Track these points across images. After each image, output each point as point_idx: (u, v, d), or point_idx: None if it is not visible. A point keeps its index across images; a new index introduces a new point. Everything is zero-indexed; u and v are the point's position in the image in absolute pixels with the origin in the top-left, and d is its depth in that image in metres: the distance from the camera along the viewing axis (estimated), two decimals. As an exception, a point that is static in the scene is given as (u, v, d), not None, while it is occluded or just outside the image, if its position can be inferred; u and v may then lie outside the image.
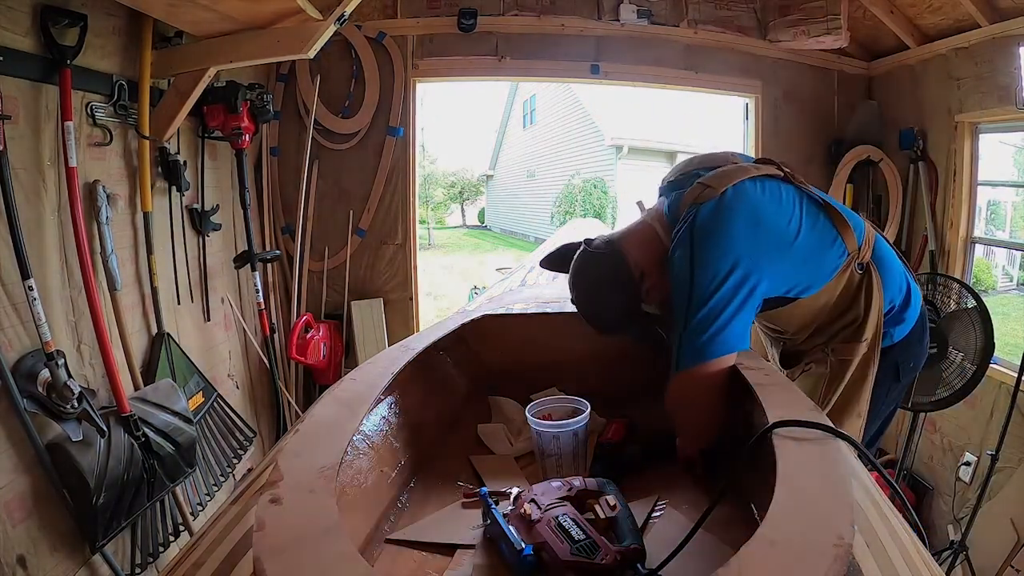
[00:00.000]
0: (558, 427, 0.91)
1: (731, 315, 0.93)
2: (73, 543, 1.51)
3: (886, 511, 0.60)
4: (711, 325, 0.92)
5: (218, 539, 0.54)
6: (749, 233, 0.97)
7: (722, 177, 1.02)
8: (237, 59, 1.87)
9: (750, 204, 1.00)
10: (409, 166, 2.90)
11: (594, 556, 0.61)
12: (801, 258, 1.04)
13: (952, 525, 2.27)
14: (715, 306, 0.92)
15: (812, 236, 1.04)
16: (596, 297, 1.11)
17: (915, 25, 2.60)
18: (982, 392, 2.00)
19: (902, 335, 1.15)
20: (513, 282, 1.75)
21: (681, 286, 0.96)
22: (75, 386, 1.40)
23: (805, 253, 1.04)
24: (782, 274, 1.02)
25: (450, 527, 0.76)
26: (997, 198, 6.60)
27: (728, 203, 0.98)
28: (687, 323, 0.93)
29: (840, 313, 1.11)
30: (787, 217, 1.03)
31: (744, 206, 0.99)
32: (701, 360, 0.92)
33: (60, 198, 1.55)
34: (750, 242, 0.96)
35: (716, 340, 0.92)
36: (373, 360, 1.00)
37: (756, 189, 1.03)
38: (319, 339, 2.73)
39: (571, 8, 2.85)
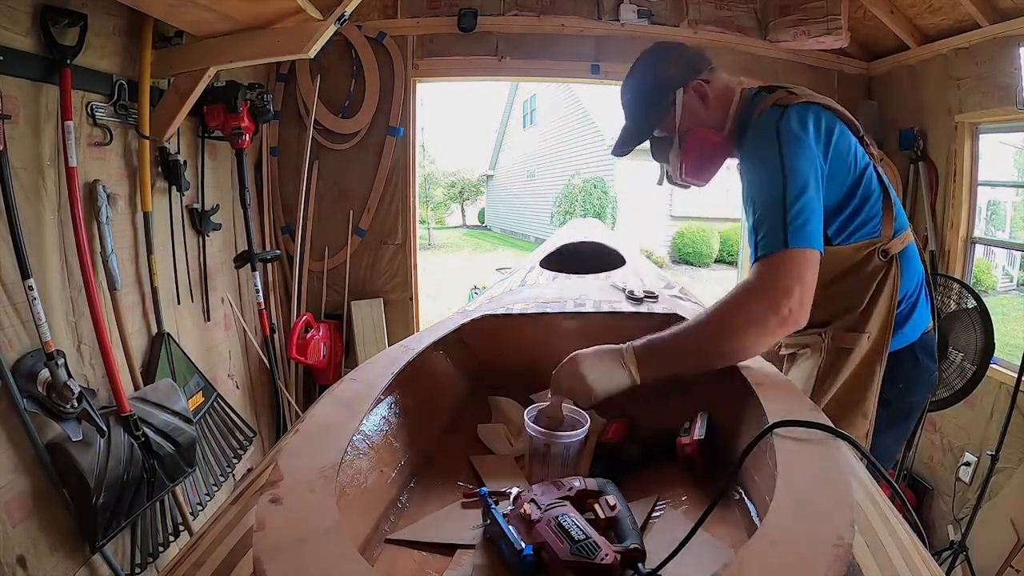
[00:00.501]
0: (551, 436, 0.91)
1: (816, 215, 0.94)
2: (73, 543, 1.51)
3: (886, 511, 0.60)
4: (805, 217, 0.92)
5: (218, 539, 0.54)
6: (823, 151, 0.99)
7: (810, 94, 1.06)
8: (237, 59, 1.87)
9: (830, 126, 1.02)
10: (409, 166, 2.90)
11: (594, 556, 0.61)
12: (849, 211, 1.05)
13: (952, 525, 2.27)
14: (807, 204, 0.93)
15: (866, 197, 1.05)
16: (633, 96, 1.17)
17: (915, 25, 2.60)
18: (982, 392, 2.00)
19: (895, 347, 1.10)
20: (513, 282, 1.75)
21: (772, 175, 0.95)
22: (75, 386, 1.40)
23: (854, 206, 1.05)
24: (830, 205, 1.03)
25: (450, 527, 0.76)
26: (997, 198, 6.60)
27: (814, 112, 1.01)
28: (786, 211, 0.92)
29: (843, 293, 1.08)
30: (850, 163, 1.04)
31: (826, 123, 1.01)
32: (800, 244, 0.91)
33: (60, 198, 1.55)
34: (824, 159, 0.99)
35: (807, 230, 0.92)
36: (373, 360, 1.00)
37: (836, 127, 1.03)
38: (319, 339, 2.73)
39: (571, 8, 2.86)
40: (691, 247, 11.42)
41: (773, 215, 0.93)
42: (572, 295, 1.47)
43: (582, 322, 1.30)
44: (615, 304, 1.38)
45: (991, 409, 2.21)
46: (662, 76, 1.14)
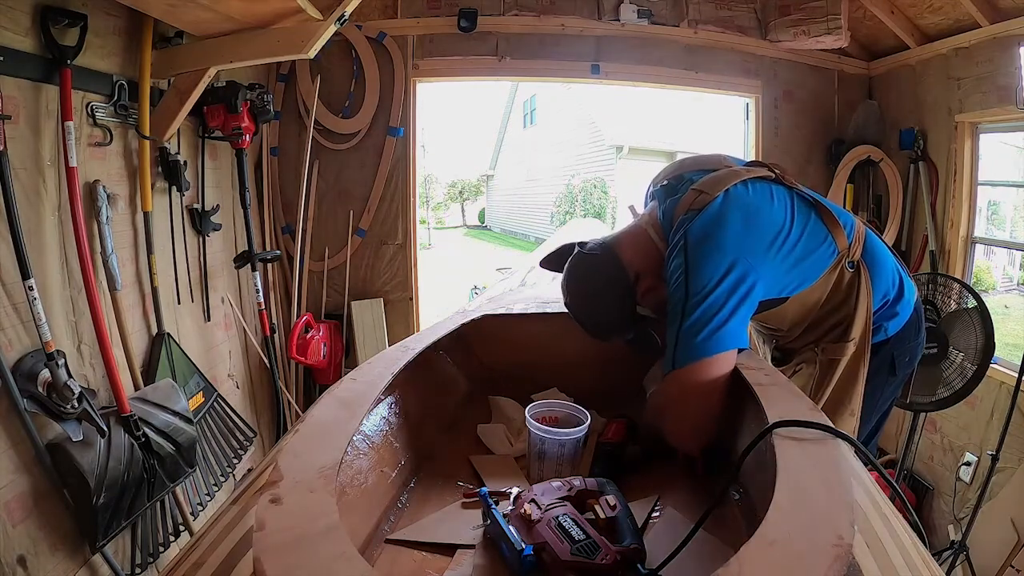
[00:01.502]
0: (552, 434, 0.91)
1: (729, 313, 0.92)
2: (73, 543, 1.51)
3: (886, 511, 0.60)
4: (708, 323, 0.91)
5: (218, 539, 0.54)
6: (743, 235, 0.98)
7: (715, 182, 1.03)
8: (237, 59, 1.87)
9: (743, 207, 1.01)
10: (409, 166, 2.90)
11: (594, 556, 0.61)
12: (794, 257, 1.04)
13: (952, 525, 2.27)
14: (712, 304, 0.92)
15: (804, 234, 1.04)
16: (590, 299, 1.11)
17: (915, 25, 2.60)
18: (982, 392, 2.00)
19: (896, 329, 1.15)
20: (513, 282, 1.75)
21: (677, 289, 0.96)
22: (75, 386, 1.40)
23: (799, 252, 1.04)
24: (776, 274, 1.02)
25: (450, 527, 0.76)
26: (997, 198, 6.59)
27: (721, 208, 1.00)
28: (683, 321, 0.93)
29: (831, 310, 1.11)
30: (779, 217, 1.03)
31: (737, 209, 1.00)
32: (698, 357, 0.91)
33: (60, 198, 1.55)
34: (745, 243, 0.97)
35: (714, 337, 0.91)
36: (373, 360, 1.00)
37: (747, 192, 1.04)
38: (319, 339, 2.73)
39: (571, 8, 2.86)
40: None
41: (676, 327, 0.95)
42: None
43: (582, 322, 1.30)
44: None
45: (991, 409, 2.21)
46: (609, 317, 1.12)
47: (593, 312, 1.13)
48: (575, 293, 1.13)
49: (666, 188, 1.15)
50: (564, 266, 1.17)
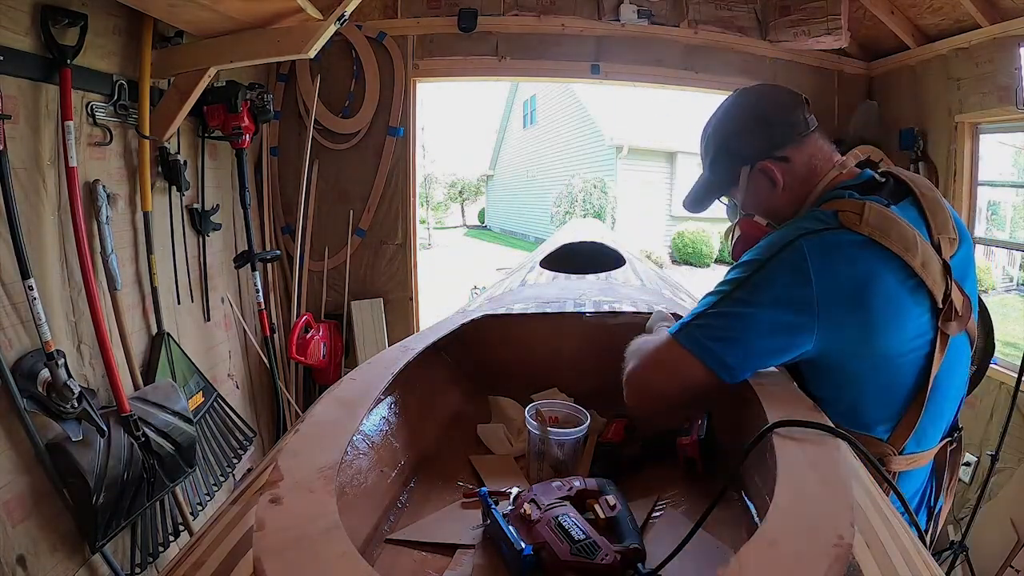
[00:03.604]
0: (552, 433, 0.91)
1: (740, 331, 0.80)
2: (73, 543, 1.51)
3: (886, 511, 0.60)
4: (724, 323, 0.81)
5: (218, 539, 0.54)
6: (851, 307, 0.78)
7: (885, 222, 0.79)
8: (237, 59, 1.87)
9: (879, 285, 0.78)
10: (409, 166, 2.90)
11: (594, 556, 0.61)
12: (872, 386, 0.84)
13: (952, 525, 2.27)
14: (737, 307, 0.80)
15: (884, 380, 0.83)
16: (742, 115, 0.95)
17: (915, 25, 2.60)
18: (982, 392, 2.00)
19: None
20: (513, 282, 1.75)
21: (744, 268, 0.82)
22: (75, 386, 1.40)
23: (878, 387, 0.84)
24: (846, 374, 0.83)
25: (450, 527, 0.76)
26: (997, 198, 6.60)
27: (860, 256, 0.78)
28: (713, 302, 0.82)
29: None
30: (902, 341, 0.82)
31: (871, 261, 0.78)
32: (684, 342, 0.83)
33: (60, 198, 1.55)
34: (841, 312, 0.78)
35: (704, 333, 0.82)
36: (373, 360, 1.00)
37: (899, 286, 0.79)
38: (319, 339, 2.73)
39: (571, 8, 2.86)
40: (691, 247, 11.43)
41: (705, 301, 0.84)
42: (572, 295, 1.47)
43: (582, 322, 1.30)
44: (615, 304, 1.38)
45: (991, 409, 2.20)
46: (730, 144, 0.95)
47: (701, 155, 1.00)
48: (708, 127, 0.99)
49: (868, 183, 0.91)
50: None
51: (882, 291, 0.78)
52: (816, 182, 0.90)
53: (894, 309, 0.80)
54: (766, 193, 0.93)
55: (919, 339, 0.82)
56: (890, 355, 0.82)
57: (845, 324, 0.79)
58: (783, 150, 0.91)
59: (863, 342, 0.80)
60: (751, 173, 0.93)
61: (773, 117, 0.92)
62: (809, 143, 0.91)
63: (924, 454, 0.89)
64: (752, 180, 0.94)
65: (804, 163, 0.91)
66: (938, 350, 0.82)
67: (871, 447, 0.83)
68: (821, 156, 0.92)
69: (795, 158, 0.91)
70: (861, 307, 0.78)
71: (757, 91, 0.97)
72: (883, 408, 0.85)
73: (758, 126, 0.92)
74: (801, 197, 0.91)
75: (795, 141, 0.91)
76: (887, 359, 0.82)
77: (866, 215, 0.79)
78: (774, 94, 0.96)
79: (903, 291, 0.80)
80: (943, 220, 0.86)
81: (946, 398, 0.88)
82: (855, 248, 0.78)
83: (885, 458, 0.85)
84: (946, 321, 0.82)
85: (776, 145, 0.91)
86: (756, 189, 0.94)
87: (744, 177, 0.94)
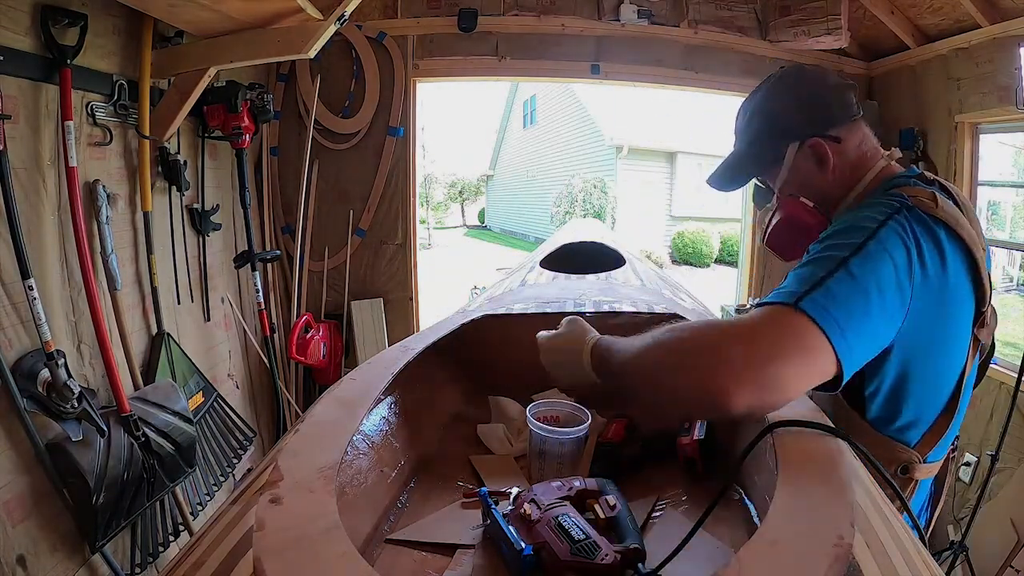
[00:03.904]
0: (553, 432, 0.91)
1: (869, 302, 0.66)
2: (73, 543, 1.51)
3: (886, 511, 0.60)
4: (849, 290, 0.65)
5: (218, 539, 0.54)
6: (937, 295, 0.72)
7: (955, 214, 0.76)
8: (237, 59, 1.87)
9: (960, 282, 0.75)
10: (409, 166, 2.91)
11: (594, 556, 0.61)
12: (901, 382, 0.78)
13: (952, 525, 2.27)
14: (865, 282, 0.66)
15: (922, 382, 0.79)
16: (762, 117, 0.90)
17: (915, 25, 2.60)
18: (982, 392, 2.00)
19: None
20: (513, 282, 1.75)
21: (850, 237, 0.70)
22: (75, 386, 1.40)
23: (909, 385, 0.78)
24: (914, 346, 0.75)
25: (450, 527, 0.76)
26: (997, 198, 6.60)
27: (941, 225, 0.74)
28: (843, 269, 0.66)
29: None
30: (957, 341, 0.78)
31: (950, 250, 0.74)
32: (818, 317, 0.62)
33: (60, 198, 1.55)
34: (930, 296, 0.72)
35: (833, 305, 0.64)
36: (373, 360, 1.00)
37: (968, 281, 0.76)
38: (319, 339, 2.73)
39: (571, 8, 2.86)
40: (691, 247, 11.43)
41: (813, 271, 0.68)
42: (572, 295, 1.47)
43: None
44: (615, 304, 1.38)
45: (991, 409, 2.20)
46: (779, 118, 0.89)
47: (738, 132, 0.94)
48: (748, 103, 0.92)
49: None
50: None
51: (957, 284, 0.75)
52: (866, 169, 0.86)
53: (959, 305, 0.77)
54: (814, 173, 0.88)
55: (964, 343, 0.79)
56: (944, 353, 0.78)
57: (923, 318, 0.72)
58: (836, 129, 0.86)
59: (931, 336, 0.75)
60: (799, 150, 0.88)
61: (827, 94, 0.87)
62: (859, 128, 0.88)
63: (940, 463, 0.87)
64: (799, 158, 0.88)
65: (855, 147, 0.86)
66: (970, 357, 0.80)
67: (897, 453, 0.80)
68: (869, 144, 0.88)
69: (847, 140, 0.86)
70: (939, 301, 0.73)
71: (808, 69, 0.92)
72: (925, 412, 0.81)
73: (812, 101, 0.87)
74: (850, 183, 0.86)
75: (847, 122, 0.86)
76: (941, 358, 0.78)
77: (940, 204, 0.75)
78: (825, 73, 0.91)
79: (967, 286, 0.76)
80: (979, 228, 0.83)
81: (965, 405, 0.85)
82: (941, 236, 0.73)
83: (910, 465, 0.81)
84: (980, 327, 0.80)
85: (829, 123, 0.86)
86: (803, 168, 0.88)
87: (791, 155, 0.88)
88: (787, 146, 0.89)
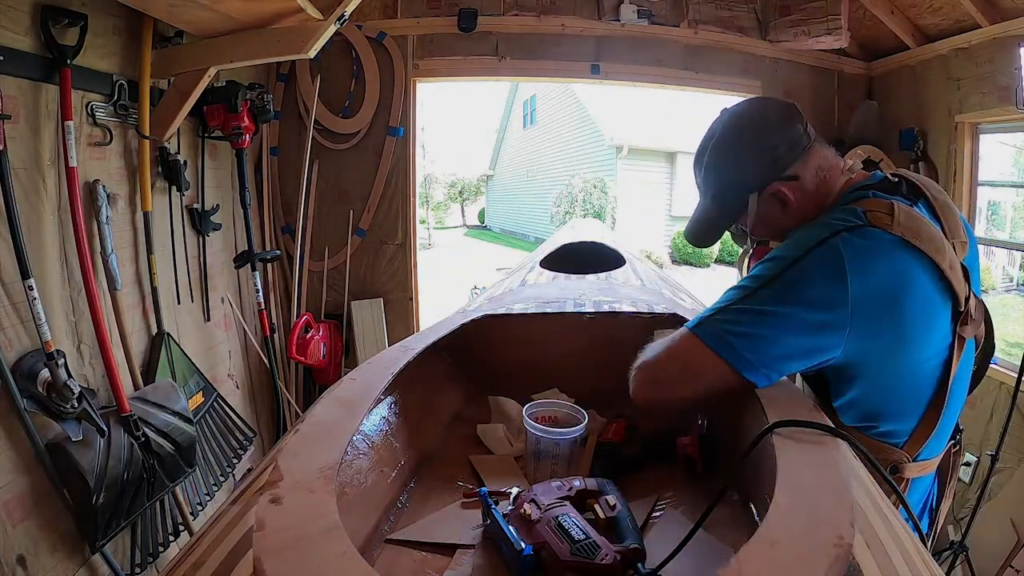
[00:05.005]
0: (548, 433, 0.91)
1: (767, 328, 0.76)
2: (73, 543, 1.51)
3: (886, 511, 0.60)
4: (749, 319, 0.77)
5: (218, 539, 0.54)
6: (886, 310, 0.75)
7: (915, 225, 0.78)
8: (237, 59, 1.87)
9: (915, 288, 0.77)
10: (409, 166, 2.91)
11: (594, 556, 0.61)
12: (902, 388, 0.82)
13: (952, 525, 2.27)
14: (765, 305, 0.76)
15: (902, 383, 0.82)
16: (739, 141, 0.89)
17: (915, 25, 2.60)
18: (982, 392, 2.00)
19: None
20: (513, 282, 1.75)
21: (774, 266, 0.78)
22: (75, 386, 1.40)
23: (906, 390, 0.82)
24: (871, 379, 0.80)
25: (450, 527, 0.76)
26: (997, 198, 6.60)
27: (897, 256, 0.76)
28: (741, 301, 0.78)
29: None
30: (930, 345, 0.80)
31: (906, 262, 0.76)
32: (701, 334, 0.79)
33: (60, 198, 1.55)
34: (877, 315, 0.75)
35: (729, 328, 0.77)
36: (373, 360, 1.00)
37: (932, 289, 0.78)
38: (319, 339, 2.73)
39: (571, 8, 2.86)
40: (691, 248, 11.41)
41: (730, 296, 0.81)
42: (572, 295, 1.47)
43: (582, 322, 1.30)
44: (615, 304, 1.38)
45: (991, 409, 2.20)
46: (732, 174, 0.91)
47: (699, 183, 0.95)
48: (728, 126, 0.91)
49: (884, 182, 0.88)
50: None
51: (918, 294, 0.76)
52: (829, 191, 0.88)
53: (928, 313, 0.78)
54: (778, 216, 0.89)
55: (942, 343, 0.80)
56: (918, 360, 0.80)
57: (879, 328, 0.76)
58: (790, 169, 0.87)
59: (894, 347, 0.77)
60: (760, 199, 0.89)
61: (772, 137, 0.87)
62: (813, 155, 0.88)
63: (934, 460, 0.88)
64: (762, 205, 0.89)
65: (812, 177, 0.87)
66: (956, 355, 0.81)
67: (886, 454, 0.82)
68: (827, 165, 0.88)
69: (803, 174, 0.87)
70: (897, 311, 0.76)
71: (748, 111, 0.92)
72: (904, 415, 0.83)
73: (759, 150, 0.87)
74: (815, 213, 0.87)
75: (799, 157, 0.87)
76: (914, 365, 0.80)
77: (896, 215, 0.76)
78: (766, 110, 0.91)
79: (935, 294, 0.78)
80: (955, 223, 0.85)
81: (956, 402, 0.86)
82: (892, 248, 0.76)
83: (899, 465, 0.83)
84: (963, 325, 0.81)
85: (781, 166, 0.86)
86: (767, 214, 0.90)
87: (753, 203, 0.89)
88: (747, 197, 0.90)
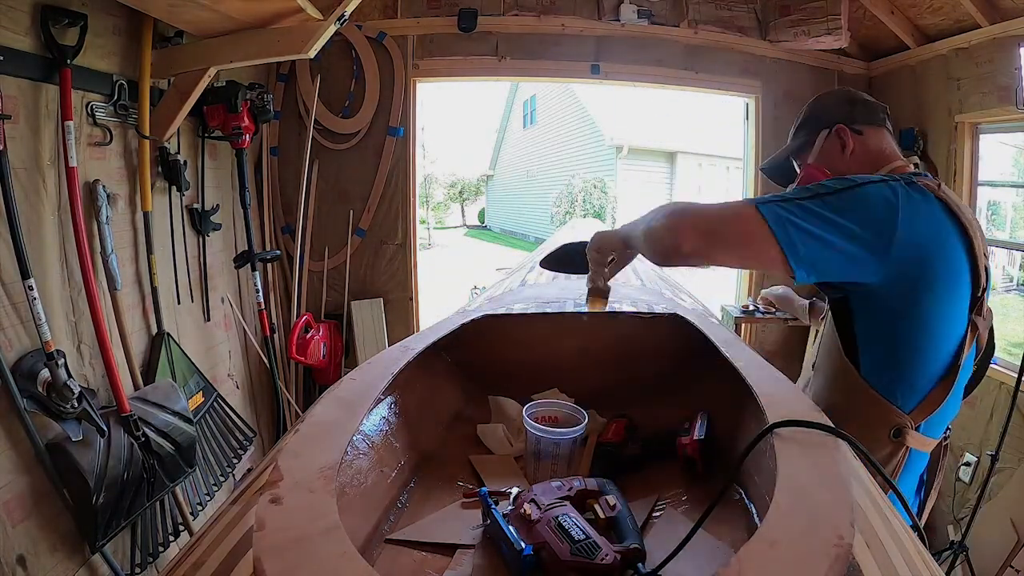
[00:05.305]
0: (548, 433, 0.91)
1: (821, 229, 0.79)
2: (73, 543, 1.51)
3: (886, 511, 0.60)
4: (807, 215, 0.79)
5: (218, 539, 0.54)
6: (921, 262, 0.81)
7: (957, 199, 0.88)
8: (237, 59, 1.87)
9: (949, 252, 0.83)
10: (409, 166, 2.91)
11: (594, 556, 0.61)
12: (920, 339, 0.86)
13: (952, 525, 2.27)
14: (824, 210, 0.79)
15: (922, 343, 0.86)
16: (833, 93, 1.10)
17: (915, 25, 2.60)
18: (982, 392, 2.00)
19: None
20: (513, 282, 1.75)
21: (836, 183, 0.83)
22: (75, 386, 1.40)
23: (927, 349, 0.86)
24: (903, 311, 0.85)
25: (450, 527, 0.76)
26: (997, 198, 6.60)
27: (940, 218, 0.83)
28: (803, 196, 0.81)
29: None
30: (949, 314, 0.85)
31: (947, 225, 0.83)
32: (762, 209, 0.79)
33: (60, 198, 1.55)
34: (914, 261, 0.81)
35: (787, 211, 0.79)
36: (373, 360, 1.00)
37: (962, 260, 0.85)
38: (319, 339, 2.73)
39: (571, 8, 2.86)
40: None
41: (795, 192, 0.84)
42: (572, 295, 1.47)
43: (582, 322, 1.30)
44: (615, 304, 1.37)
45: (991, 409, 2.20)
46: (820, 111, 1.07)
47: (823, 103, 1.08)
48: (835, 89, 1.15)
49: None
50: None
51: (950, 258, 0.83)
52: (882, 164, 1.00)
53: (955, 282, 0.84)
54: (836, 155, 1.03)
55: (959, 322, 0.86)
56: (935, 322, 0.85)
57: (910, 274, 0.82)
58: (860, 125, 1.02)
59: (922, 296, 0.83)
60: (828, 135, 1.04)
61: (860, 100, 1.05)
62: (882, 133, 1.03)
63: (932, 441, 0.93)
64: (827, 141, 1.04)
65: (875, 144, 1.02)
66: (968, 340, 0.87)
67: (892, 416, 0.88)
68: (890, 148, 1.02)
69: (868, 135, 1.02)
70: (929, 266, 0.82)
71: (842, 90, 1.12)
72: (917, 378, 0.88)
73: (846, 101, 1.06)
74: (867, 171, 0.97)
75: (872, 123, 1.02)
76: (932, 325, 0.85)
77: (943, 187, 0.86)
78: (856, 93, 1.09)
79: (964, 267, 0.84)
80: (981, 235, 0.89)
81: (959, 391, 0.91)
82: (937, 209, 0.84)
83: (903, 429, 0.88)
84: (978, 314, 0.87)
85: (855, 119, 1.02)
86: (828, 149, 1.04)
87: (821, 139, 1.05)
88: (819, 133, 1.06)
